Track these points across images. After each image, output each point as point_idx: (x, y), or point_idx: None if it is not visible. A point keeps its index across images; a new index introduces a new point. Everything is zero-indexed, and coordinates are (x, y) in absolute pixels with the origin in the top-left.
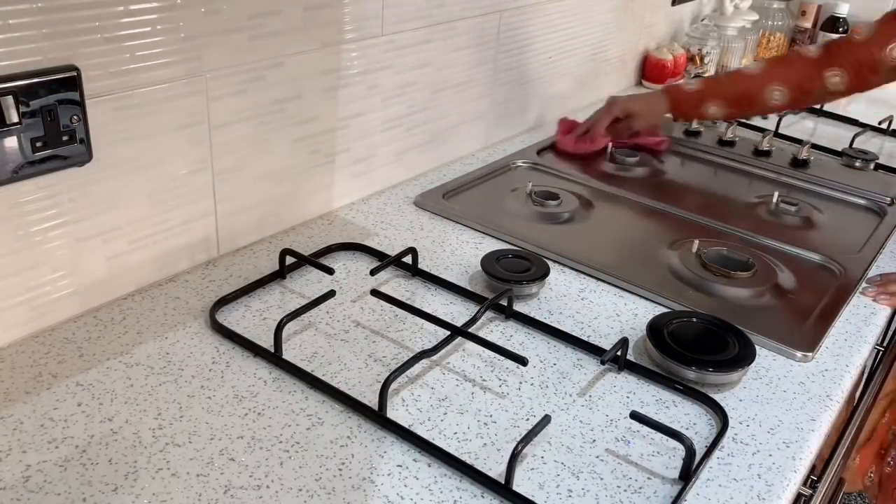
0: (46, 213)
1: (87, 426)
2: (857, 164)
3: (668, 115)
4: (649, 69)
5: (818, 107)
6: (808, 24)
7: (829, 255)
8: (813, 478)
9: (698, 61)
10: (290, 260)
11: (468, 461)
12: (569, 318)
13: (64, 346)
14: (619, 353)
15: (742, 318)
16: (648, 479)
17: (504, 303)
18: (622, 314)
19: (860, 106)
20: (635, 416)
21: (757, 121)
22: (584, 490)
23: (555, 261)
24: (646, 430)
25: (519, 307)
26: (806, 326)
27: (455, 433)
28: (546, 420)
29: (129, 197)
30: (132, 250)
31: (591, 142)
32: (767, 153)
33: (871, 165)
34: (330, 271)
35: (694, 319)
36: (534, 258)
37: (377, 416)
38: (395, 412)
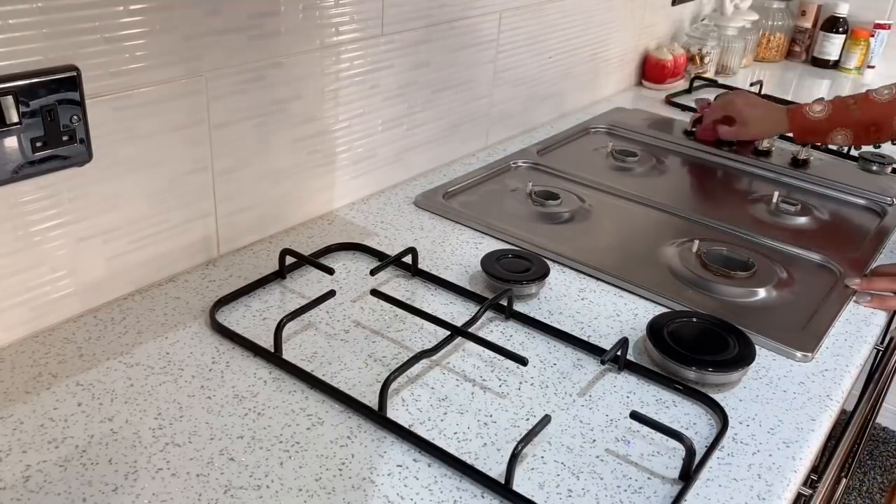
0: (46, 213)
1: (87, 426)
2: (874, 168)
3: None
4: (649, 69)
5: None
6: (808, 24)
7: (829, 255)
8: (813, 478)
9: (698, 61)
10: (290, 260)
11: (468, 461)
12: (569, 318)
13: (64, 346)
14: (619, 353)
15: (742, 318)
16: (648, 479)
17: (504, 303)
18: (622, 314)
19: None
20: (635, 416)
21: None
22: (584, 490)
23: (555, 261)
24: (646, 430)
25: (519, 307)
26: (806, 326)
27: (455, 433)
28: (546, 420)
29: (129, 197)
30: (132, 250)
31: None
32: (767, 153)
33: (888, 169)
34: (330, 271)
35: (694, 319)
36: (534, 258)
37: (377, 416)
38: (395, 412)
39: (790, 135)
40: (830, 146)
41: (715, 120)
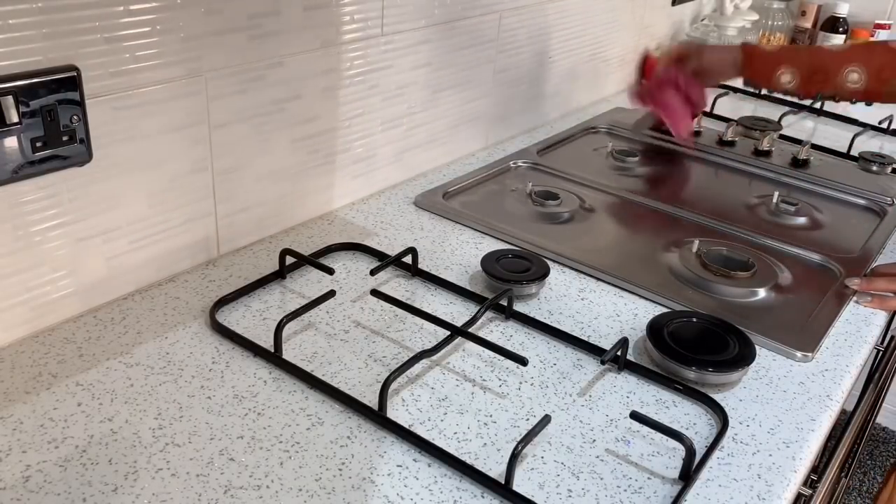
0: (46, 213)
1: (87, 426)
2: (874, 168)
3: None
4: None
5: (818, 106)
6: (808, 24)
7: (829, 255)
8: (813, 478)
9: None
10: (290, 260)
11: (468, 461)
12: (569, 318)
13: (64, 346)
14: (619, 353)
15: (742, 318)
16: (648, 479)
17: (504, 303)
18: (622, 314)
19: (860, 105)
20: (635, 416)
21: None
22: (584, 490)
23: (555, 261)
24: (646, 430)
25: (519, 307)
26: (806, 326)
27: (455, 433)
28: (546, 420)
29: (129, 197)
30: (132, 250)
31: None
32: (767, 153)
33: (888, 170)
34: (330, 271)
35: (694, 319)
36: (534, 258)
37: (377, 416)
38: (395, 412)
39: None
40: (779, 93)
41: (673, 59)
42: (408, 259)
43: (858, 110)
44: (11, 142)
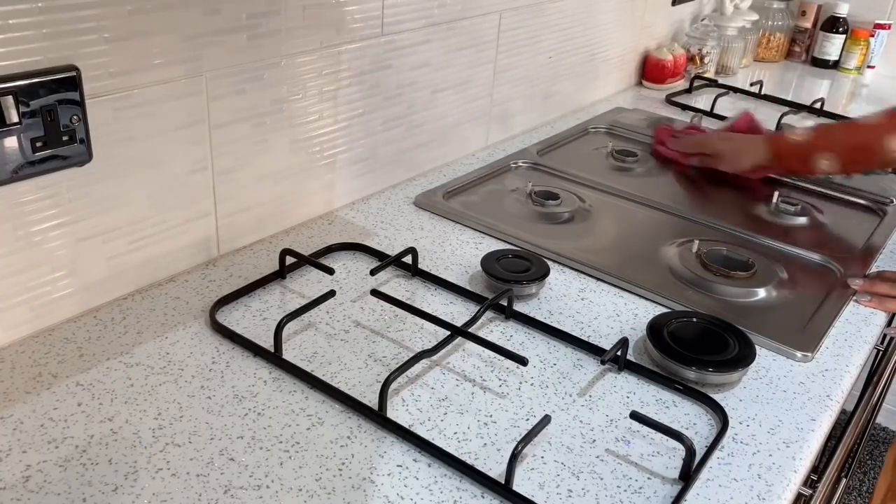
0: (46, 213)
1: (87, 426)
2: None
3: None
4: (649, 69)
5: (818, 106)
6: (808, 24)
7: (829, 255)
8: (813, 478)
9: (698, 61)
10: (290, 260)
11: (468, 461)
12: (569, 318)
13: (64, 346)
14: (619, 353)
15: (742, 318)
16: (648, 479)
17: (504, 303)
18: (622, 314)
19: (859, 105)
20: (635, 416)
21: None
22: (584, 490)
23: (555, 261)
24: (646, 430)
25: (519, 307)
26: (806, 326)
27: (455, 433)
28: (546, 420)
29: (129, 197)
30: (132, 250)
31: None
32: None
33: (888, 169)
34: (330, 271)
35: (694, 319)
36: (534, 258)
37: (377, 416)
38: (395, 412)
39: (772, 174)
40: (818, 177)
41: (694, 156)
42: (408, 259)
43: (858, 110)
44: (11, 142)
